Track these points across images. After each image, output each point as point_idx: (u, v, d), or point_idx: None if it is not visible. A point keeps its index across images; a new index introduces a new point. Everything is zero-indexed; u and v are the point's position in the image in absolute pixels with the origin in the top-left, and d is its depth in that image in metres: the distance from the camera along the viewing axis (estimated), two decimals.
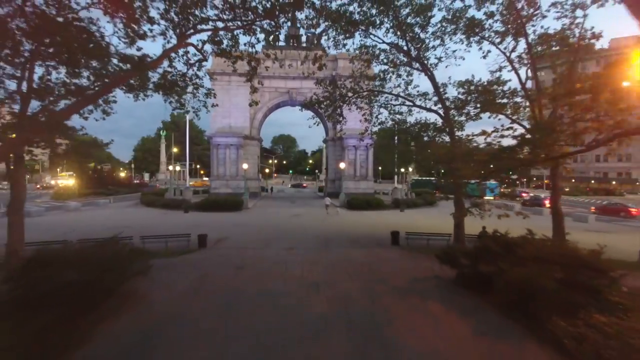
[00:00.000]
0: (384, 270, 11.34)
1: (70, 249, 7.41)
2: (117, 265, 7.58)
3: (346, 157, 43.11)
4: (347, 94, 16.52)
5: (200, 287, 9.41)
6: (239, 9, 10.33)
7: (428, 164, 29.91)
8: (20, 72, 12.18)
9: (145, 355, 5.92)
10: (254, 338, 6.48)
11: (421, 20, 15.33)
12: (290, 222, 23.76)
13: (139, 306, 7.91)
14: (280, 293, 8.91)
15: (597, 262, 8.04)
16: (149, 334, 6.61)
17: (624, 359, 5.59)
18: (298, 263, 12.05)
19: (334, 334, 6.67)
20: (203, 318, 7.40)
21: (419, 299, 8.60)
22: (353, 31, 15.28)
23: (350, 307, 7.97)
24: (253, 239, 17.08)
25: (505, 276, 7.91)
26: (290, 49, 42.51)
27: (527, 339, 6.64)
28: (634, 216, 31.49)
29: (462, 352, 6.09)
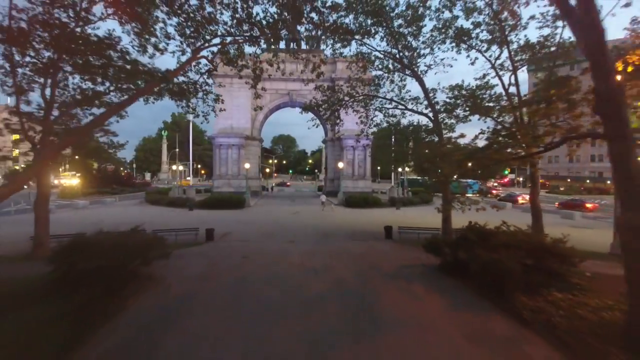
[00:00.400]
0: (376, 259, 12.48)
1: (101, 237, 8.53)
2: (140, 251, 8.72)
3: (345, 157, 44.26)
4: (344, 98, 17.67)
5: (210, 273, 10.55)
6: (245, 23, 11.47)
7: (420, 163, 31.10)
8: (43, 79, 13.37)
9: (170, 320, 7.05)
10: (259, 310, 7.62)
11: (413, 30, 16.47)
12: (291, 219, 24.90)
13: (159, 287, 9.04)
14: (282, 277, 10.06)
15: (559, 250, 9.20)
16: (171, 307, 7.75)
17: (568, 324, 6.71)
18: (298, 253, 13.20)
19: (329, 307, 7.82)
20: (214, 295, 8.55)
21: (404, 281, 9.75)
22: (350, 39, 16.41)
23: (344, 288, 9.12)
24: (256, 234, 18.21)
25: (479, 261, 9.05)
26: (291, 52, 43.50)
27: (493, 312, 7.78)
28: (590, 210, 37.19)
29: (435, 320, 7.23)
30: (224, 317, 7.32)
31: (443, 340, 6.44)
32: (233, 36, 10.97)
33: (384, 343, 6.25)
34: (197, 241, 15.59)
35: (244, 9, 10.70)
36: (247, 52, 12.99)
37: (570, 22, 6.71)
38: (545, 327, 6.82)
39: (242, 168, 43.18)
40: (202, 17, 10.59)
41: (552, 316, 7.08)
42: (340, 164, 42.91)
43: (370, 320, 7.26)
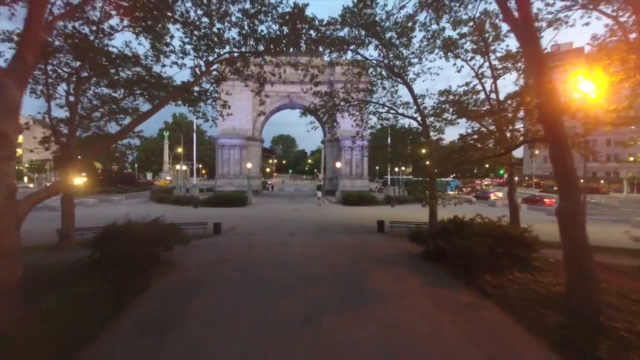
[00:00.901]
0: (367, 248, 13.91)
1: (129, 227, 9.92)
2: (163, 239, 10.12)
3: (343, 157, 45.67)
4: (340, 103, 19.06)
5: (221, 259, 11.96)
6: (250, 38, 12.85)
7: (412, 162, 32.62)
8: (66, 86, 14.79)
9: (192, 293, 8.46)
10: (265, 286, 9.03)
11: (404, 41, 17.84)
12: (291, 215, 26.32)
13: (178, 269, 10.45)
14: (284, 261, 11.48)
15: (523, 238, 10.63)
16: (191, 283, 9.16)
17: (521, 295, 8.13)
18: (298, 244, 14.62)
19: (325, 284, 9.24)
20: (227, 275, 9.96)
21: (390, 265, 11.17)
22: (346, 49, 17.77)
23: (337, 270, 10.55)
24: (259, 228, 19.61)
25: (454, 247, 10.48)
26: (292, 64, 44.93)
27: (462, 288, 9.21)
28: (548, 205, 41.60)
29: (412, 294, 8.65)
30: (236, 291, 8.74)
31: (416, 307, 7.87)
32: (240, 50, 12.35)
33: (367, 310, 7.67)
34: (205, 234, 16.98)
35: (250, 27, 12.10)
36: (253, 64, 14.39)
37: (517, 37, 8.13)
38: (502, 298, 8.24)
39: (244, 168, 44.56)
40: (214, 34, 11.99)
41: (508, 290, 8.51)
42: (338, 163, 44.32)
43: (358, 293, 8.69)
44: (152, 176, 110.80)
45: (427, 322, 7.12)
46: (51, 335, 5.92)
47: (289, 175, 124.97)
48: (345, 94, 18.84)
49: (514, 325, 7.04)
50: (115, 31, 13.91)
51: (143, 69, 11.86)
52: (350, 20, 15.59)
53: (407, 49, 18.33)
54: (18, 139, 6.95)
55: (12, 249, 6.39)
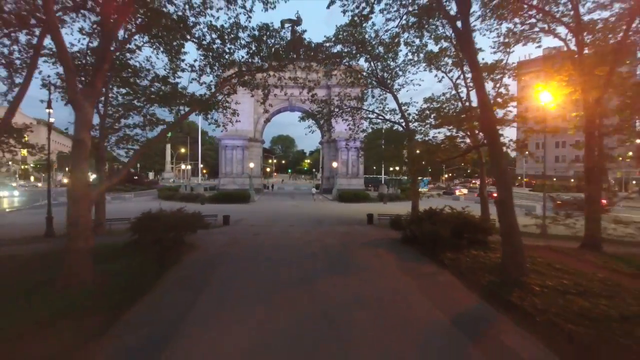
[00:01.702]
0: (356, 236, 16.19)
1: (161, 214, 12.16)
2: (188, 224, 12.38)
3: (339, 158, 47.99)
4: (334, 110, 21.34)
5: (233, 242, 14.23)
6: (256, 56, 15.07)
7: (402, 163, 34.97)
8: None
9: (212, 265, 10.72)
10: (270, 261, 11.29)
11: (391, 55, 20.09)
12: (291, 210, 28.60)
13: (199, 250, 12.71)
14: (285, 245, 13.75)
15: (480, 224, 12.94)
16: (210, 260, 11.42)
17: (469, 265, 10.40)
18: (297, 232, 16.90)
19: (318, 259, 11.52)
20: (239, 254, 12.23)
21: (373, 247, 13.47)
22: (339, 62, 20.03)
23: (330, 250, 12.83)
24: (262, 220, 21.87)
25: (423, 231, 12.78)
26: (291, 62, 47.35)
27: (427, 262, 11.49)
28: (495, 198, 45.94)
29: (387, 266, 10.94)
30: (247, 265, 11.01)
31: (387, 274, 10.16)
32: (248, 68, 14.58)
33: (349, 275, 9.96)
34: (216, 225, 19.22)
35: (257, 48, 14.33)
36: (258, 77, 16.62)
37: (461, 50, 10.40)
38: (456, 268, 10.52)
39: (246, 167, 46.82)
40: (226, 53, 14.21)
41: (461, 262, 10.80)
42: (335, 164, 46.63)
43: (344, 265, 10.97)
44: (154, 175, 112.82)
45: (394, 282, 9.41)
46: (120, 287, 8.18)
47: (288, 175, 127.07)
48: (339, 101, 21.13)
49: (459, 285, 9.34)
50: (138, 47, 16.15)
51: (170, 86, 14.08)
52: (343, 38, 17.84)
53: (394, 62, 20.61)
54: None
55: (88, 225, 8.66)
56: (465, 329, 6.74)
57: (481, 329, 6.84)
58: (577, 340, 6.00)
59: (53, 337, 5.88)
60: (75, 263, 8.30)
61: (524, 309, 7.33)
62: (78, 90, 8.57)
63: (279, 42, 14.39)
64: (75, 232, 8.39)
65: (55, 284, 8.10)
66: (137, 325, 6.69)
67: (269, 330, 6.50)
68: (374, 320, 6.97)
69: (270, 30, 13.91)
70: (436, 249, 12.04)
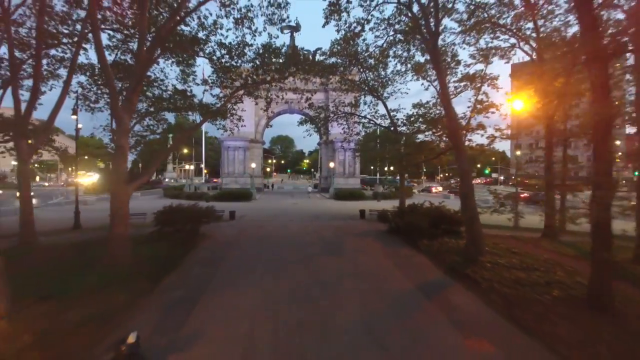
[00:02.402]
0: (348, 228, 18.16)
1: (180, 208, 14.09)
2: (203, 216, 14.33)
3: (336, 158, 49.95)
4: (330, 115, 23.31)
5: (241, 232, 16.19)
6: (260, 69, 17.01)
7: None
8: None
9: (226, 249, 12.66)
10: (274, 246, 13.25)
11: (381, 66, 22.05)
12: (290, 207, 30.57)
13: (212, 239, 14.65)
14: (286, 235, 15.72)
15: (453, 217, 14.90)
16: (222, 246, 13.36)
17: (439, 249, 12.37)
18: (296, 225, 18.86)
19: (315, 245, 13.49)
20: (247, 241, 14.18)
21: (362, 237, 15.44)
22: (335, 72, 21.98)
23: (325, 239, 14.80)
24: (264, 216, 23.81)
25: (405, 222, 14.76)
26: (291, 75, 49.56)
27: (406, 248, 13.45)
28: (435, 193, 51.85)
29: (372, 250, 12.92)
30: (254, 249, 12.96)
31: (372, 256, 12.14)
32: (253, 79, 16.51)
33: (340, 258, 11.93)
34: (223, 219, 21.14)
35: (260, 62, 16.26)
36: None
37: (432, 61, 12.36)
38: (428, 251, 12.49)
39: (248, 167, 48.74)
40: (234, 67, 16.11)
41: (434, 247, 12.78)
42: (332, 164, 48.60)
43: (336, 249, 12.94)
44: (156, 175, 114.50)
45: (376, 262, 11.40)
46: (153, 264, 10.12)
47: (287, 174, 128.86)
48: (334, 107, 23.10)
49: (429, 264, 11.32)
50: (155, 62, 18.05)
51: (188, 98, 16.00)
52: (337, 52, 19.78)
53: (385, 71, 22.58)
54: None
55: (126, 215, 10.60)
56: (426, 292, 8.73)
57: (438, 292, 8.83)
58: (507, 298, 7.99)
59: (113, 295, 7.81)
60: (117, 245, 10.25)
61: (474, 279, 9.32)
62: (119, 106, 10.50)
63: (280, 58, 16.32)
64: (116, 221, 10.34)
65: (101, 262, 10.03)
66: (173, 289, 8.65)
67: (275, 292, 8.47)
68: (356, 286, 8.96)
69: (273, 48, 15.84)
70: (415, 237, 14.01)
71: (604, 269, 7.15)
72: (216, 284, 8.98)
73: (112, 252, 10.20)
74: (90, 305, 7.18)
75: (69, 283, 8.41)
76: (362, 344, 6.08)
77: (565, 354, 5.73)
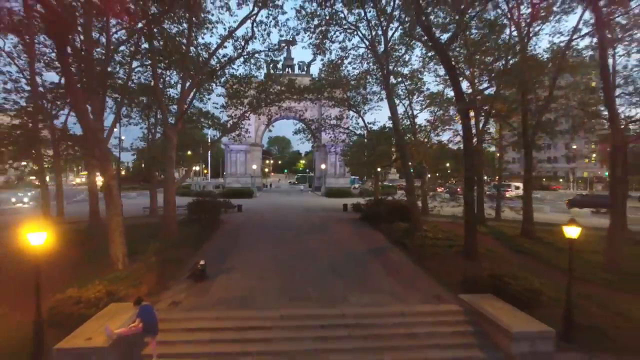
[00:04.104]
0: (331, 217, 22.85)
1: (204, 200, 18.64)
2: (221, 206, 18.92)
3: (328, 161, 54.57)
4: (320, 125, 27.99)
5: (248, 220, 20.80)
6: (263, 93, 21.59)
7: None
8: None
9: (239, 230, 17.27)
10: (274, 229, 17.89)
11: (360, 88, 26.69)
12: (287, 203, 35.23)
13: (228, 224, 19.22)
14: (284, 222, 20.37)
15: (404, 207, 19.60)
16: (237, 228, 17.97)
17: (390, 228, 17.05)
18: (292, 215, 23.52)
19: (305, 227, 18.18)
20: (254, 225, 18.82)
21: (340, 222, 20.16)
22: (322, 91, 26.59)
23: (313, 224, 19.49)
24: (265, 209, 28.42)
25: (371, 211, 19.48)
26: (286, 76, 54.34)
27: (369, 229, 18.13)
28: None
29: (346, 231, 17.62)
30: (260, 230, 17.58)
31: (344, 233, 16.84)
32: (258, 101, 21.04)
33: (323, 234, 16.60)
34: (233, 212, 25.76)
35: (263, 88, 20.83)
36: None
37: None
38: (385, 231, 17.16)
39: (249, 168, 53.24)
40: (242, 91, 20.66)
41: (391, 229, 17.45)
42: (323, 165, 53.25)
43: (321, 230, 17.62)
44: (158, 175, 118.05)
45: (345, 236, 16.11)
46: (193, 238, 14.69)
47: (284, 174, 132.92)
48: (322, 120, 27.77)
49: (382, 237, 16.04)
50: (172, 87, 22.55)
51: (212, 119, 20.53)
52: (325, 78, 24.39)
53: (364, 89, 27.24)
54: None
55: (174, 203, 15.16)
56: (374, 252, 13.46)
57: (381, 252, 13.56)
58: (420, 254, 12.68)
59: (174, 252, 12.36)
60: (169, 223, 14.82)
61: (406, 245, 14.03)
62: (168, 129, 15.07)
63: (279, 86, 20.91)
64: (168, 207, 14.94)
65: (159, 236, 14.56)
66: (210, 250, 13.27)
67: (276, 252, 13.15)
68: (329, 249, 13.67)
69: (273, 77, 20.45)
70: (377, 221, 18.70)
71: (471, 232, 11.91)
72: (237, 248, 13.64)
73: (166, 229, 14.76)
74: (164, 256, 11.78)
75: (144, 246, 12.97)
76: (328, 274, 10.79)
77: (439, 278, 10.45)
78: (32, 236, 6.48)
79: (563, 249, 14.38)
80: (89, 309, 7.55)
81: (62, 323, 7.31)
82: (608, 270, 11.01)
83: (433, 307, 8.44)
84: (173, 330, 7.24)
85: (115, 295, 8.21)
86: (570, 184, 78.25)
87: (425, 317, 7.98)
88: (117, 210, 11.02)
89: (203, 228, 16.56)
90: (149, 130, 23.87)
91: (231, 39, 16.78)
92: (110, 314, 7.42)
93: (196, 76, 15.93)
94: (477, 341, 7.30)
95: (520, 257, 13.27)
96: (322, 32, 19.04)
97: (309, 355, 6.76)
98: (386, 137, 24.87)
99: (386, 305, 8.52)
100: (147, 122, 23.43)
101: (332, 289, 9.57)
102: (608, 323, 7.88)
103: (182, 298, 8.82)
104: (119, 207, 11.18)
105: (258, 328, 7.45)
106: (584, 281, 10.55)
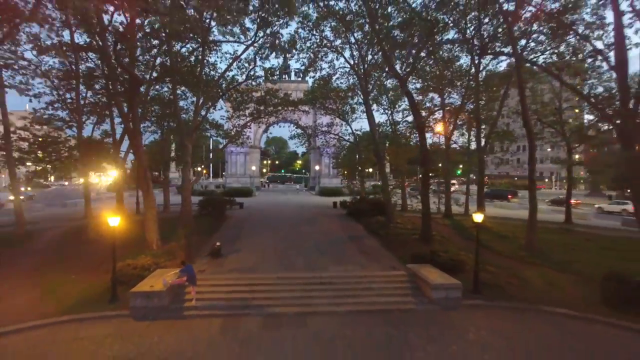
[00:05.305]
0: (322, 212, 26.00)
1: (212, 196, 21.68)
2: (227, 202, 22.00)
3: (322, 162, 57.71)
4: (313, 133, 31.12)
5: (250, 214, 23.89)
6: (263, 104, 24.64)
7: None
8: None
9: (244, 223, 20.38)
10: (273, 221, 21.00)
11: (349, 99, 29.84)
12: (283, 201, 38.38)
13: (232, 218, 22.29)
14: (280, 215, 23.50)
15: (386, 205, 22.83)
16: (240, 221, 21.07)
17: (369, 222, 20.24)
18: (288, 211, 26.65)
19: (299, 220, 21.32)
20: (255, 218, 21.92)
21: (328, 216, 23.31)
22: (314, 103, 29.71)
23: (305, 218, 22.62)
24: (264, 206, 31.52)
25: (355, 207, 22.66)
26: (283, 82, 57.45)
27: (353, 222, 21.28)
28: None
29: (333, 222, 20.79)
30: (261, 222, 20.69)
31: (332, 225, 20.00)
32: (258, 111, 24.06)
33: (314, 225, 19.76)
34: (235, 208, 28.82)
35: (263, 100, 23.89)
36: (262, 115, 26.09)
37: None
38: (365, 223, 20.35)
39: (248, 169, 56.26)
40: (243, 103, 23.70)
41: (368, 221, 20.64)
42: (317, 166, 56.44)
43: (312, 223, 20.76)
44: (158, 176, 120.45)
45: (331, 227, 19.28)
46: (205, 229, 17.78)
47: (281, 174, 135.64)
48: (315, 126, 30.94)
49: (361, 228, 19.21)
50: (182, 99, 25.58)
51: (219, 128, 23.58)
52: (317, 90, 27.50)
53: (352, 99, 30.40)
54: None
55: (190, 199, 18.23)
56: (352, 239, 16.64)
57: (358, 239, 16.73)
58: (389, 240, 15.88)
59: (192, 238, 15.45)
60: (186, 217, 17.89)
61: (380, 234, 17.22)
62: (184, 139, 18.16)
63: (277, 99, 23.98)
64: (185, 204, 18.01)
65: (177, 226, 17.62)
66: (220, 237, 16.32)
67: (274, 238, 16.29)
68: (317, 236, 16.83)
69: (271, 92, 23.52)
70: (359, 216, 21.88)
71: (426, 221, 15.15)
72: (243, 236, 16.77)
73: (183, 221, 17.82)
74: (188, 240, 14.88)
75: (168, 234, 16.05)
76: (313, 253, 13.96)
77: (398, 256, 13.66)
78: (111, 220, 9.61)
79: (506, 236, 17.86)
80: (143, 272, 10.67)
81: (125, 281, 10.42)
82: (526, 250, 14.29)
83: (386, 273, 11.64)
84: (202, 285, 10.36)
85: (160, 264, 11.33)
86: (552, 184, 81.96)
87: (380, 279, 11.17)
88: (152, 204, 14.11)
89: (212, 221, 19.65)
90: (161, 136, 26.87)
91: (237, 61, 19.88)
92: (157, 275, 10.52)
93: (207, 94, 19.00)
94: (412, 292, 10.50)
95: (468, 242, 16.50)
96: (313, 51, 22.16)
97: (297, 299, 9.92)
98: (369, 144, 28.05)
99: (353, 271, 11.71)
100: (160, 131, 26.41)
101: (315, 262, 12.74)
102: (507, 283, 11.16)
103: (206, 268, 11.94)
104: (153, 201, 14.25)
105: (262, 284, 10.60)
106: (506, 257, 13.88)
